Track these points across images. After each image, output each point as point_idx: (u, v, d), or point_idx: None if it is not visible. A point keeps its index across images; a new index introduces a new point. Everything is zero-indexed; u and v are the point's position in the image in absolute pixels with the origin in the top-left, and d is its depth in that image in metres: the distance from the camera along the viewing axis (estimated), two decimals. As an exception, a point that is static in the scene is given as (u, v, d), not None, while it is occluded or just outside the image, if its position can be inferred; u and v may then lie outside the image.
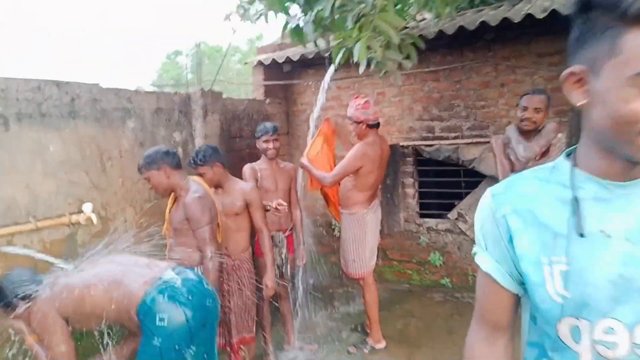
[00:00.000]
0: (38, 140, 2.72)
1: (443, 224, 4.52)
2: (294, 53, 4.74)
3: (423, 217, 4.66)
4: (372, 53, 2.57)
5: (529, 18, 3.48)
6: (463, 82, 4.29)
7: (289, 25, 3.08)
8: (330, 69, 3.82)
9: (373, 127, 3.29)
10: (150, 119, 3.53)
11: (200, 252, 2.48)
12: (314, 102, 5.07)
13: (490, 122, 4.24)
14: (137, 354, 2.00)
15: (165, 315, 1.90)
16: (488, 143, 4.11)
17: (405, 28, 3.93)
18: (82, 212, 2.86)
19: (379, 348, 3.47)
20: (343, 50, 2.86)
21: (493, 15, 3.68)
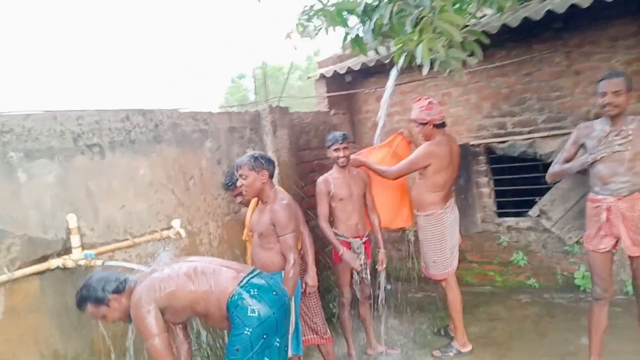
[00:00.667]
0: (129, 165, 2.99)
1: (524, 222, 4.34)
2: (355, 63, 4.82)
3: (501, 216, 4.50)
4: (435, 54, 2.57)
5: (598, 1, 3.30)
6: (534, 74, 4.13)
7: (349, 36, 3.15)
8: (393, 74, 3.85)
9: (439, 126, 3.27)
10: (225, 138, 3.75)
11: (284, 257, 2.58)
12: (378, 109, 5.12)
13: (568, 112, 4.03)
14: (228, 342, 2.17)
15: (256, 308, 2.11)
16: (567, 135, 3.92)
17: (466, 26, 3.87)
18: (171, 227, 3.10)
19: (465, 351, 3.39)
20: (404, 55, 2.88)
21: (559, 3, 3.53)
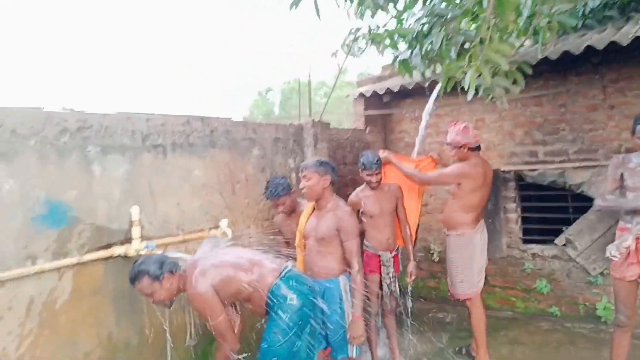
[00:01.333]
0: (186, 166, 3.21)
1: (549, 250, 4.43)
2: (394, 84, 5.02)
3: (527, 242, 4.60)
4: (480, 80, 2.75)
5: (637, 40, 3.45)
6: (568, 106, 4.27)
7: (398, 58, 3.35)
8: (433, 97, 4.04)
9: (474, 150, 3.42)
10: (270, 147, 3.96)
11: (344, 262, 2.72)
12: (412, 129, 5.31)
13: (599, 145, 4.16)
14: (266, 327, 2.42)
15: (294, 297, 2.38)
16: (597, 167, 4.04)
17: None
18: (219, 227, 3.30)
19: (487, 371, 3.47)
20: (449, 79, 3.07)
21: (599, 39, 3.69)
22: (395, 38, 3.38)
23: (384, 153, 3.69)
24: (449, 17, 2.79)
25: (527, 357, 3.72)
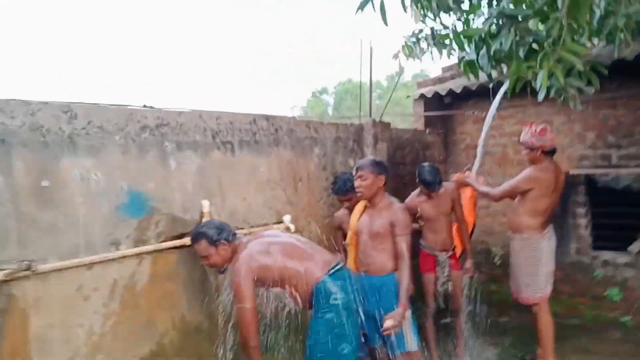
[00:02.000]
0: (252, 163, 3.36)
1: (622, 258, 4.22)
2: (456, 85, 4.95)
3: (597, 249, 4.40)
4: (552, 81, 2.68)
5: None
6: (645, 108, 4.04)
7: (464, 59, 3.31)
8: (497, 98, 3.95)
9: (548, 153, 3.32)
10: (331, 147, 4.04)
11: (399, 257, 2.76)
12: (474, 131, 5.21)
13: (680, 149, 3.90)
14: (311, 323, 2.46)
15: (338, 296, 2.38)
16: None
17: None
18: (282, 222, 3.42)
19: (554, 379, 3.37)
20: (518, 80, 3.00)
21: (682, 38, 3.47)
22: (462, 39, 3.34)
23: (459, 176, 3.70)
24: (520, 17, 2.73)
25: (596, 366, 3.57)
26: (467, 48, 3.46)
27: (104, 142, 2.56)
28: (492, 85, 4.25)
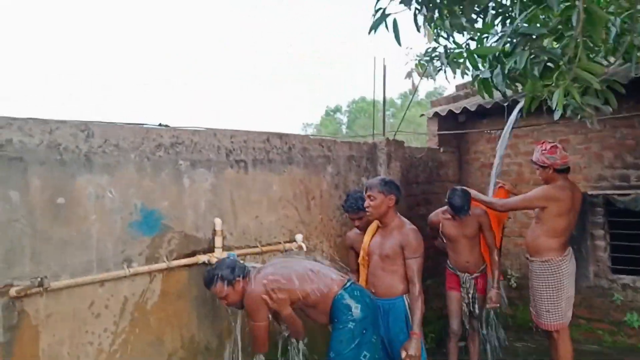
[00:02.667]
0: (265, 181, 3.36)
1: (643, 282, 4.08)
2: (471, 104, 4.93)
3: (616, 272, 4.27)
4: (568, 100, 2.65)
5: None
6: (664, 127, 3.97)
7: (479, 78, 3.30)
8: (512, 117, 3.92)
9: (562, 172, 3.26)
10: (344, 165, 4.03)
11: (409, 281, 2.72)
12: (488, 150, 5.16)
13: (702, 170, 3.81)
14: (332, 336, 2.54)
15: (358, 307, 2.49)
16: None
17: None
18: (294, 241, 3.40)
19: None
20: (533, 99, 2.97)
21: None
22: (476, 58, 3.34)
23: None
24: (534, 36, 2.72)
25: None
26: (481, 67, 3.45)
27: (120, 160, 2.59)
28: (507, 104, 4.23)
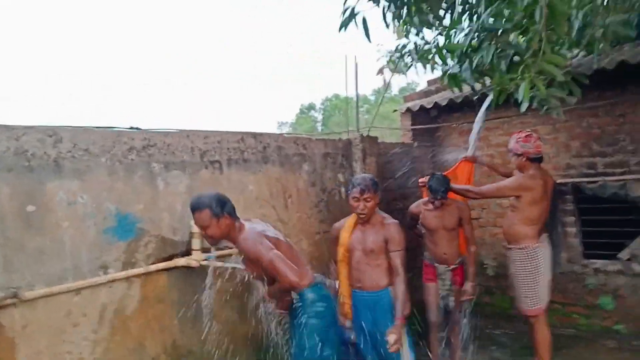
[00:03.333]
0: (240, 181, 3.35)
1: (613, 265, 4.24)
2: (442, 98, 5.01)
3: (588, 257, 4.42)
4: (534, 92, 2.73)
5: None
6: (628, 115, 4.12)
7: (448, 73, 3.37)
8: (482, 111, 4.01)
9: (534, 160, 3.36)
10: (320, 162, 4.05)
11: (394, 273, 2.75)
12: (461, 143, 5.25)
13: (663, 155, 3.97)
14: (295, 330, 2.52)
15: (322, 304, 2.48)
16: (662, 178, 3.85)
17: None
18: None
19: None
20: (501, 92, 3.05)
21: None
22: (444, 53, 3.41)
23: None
24: (500, 31, 2.79)
25: (592, 377, 3.55)
26: (449, 62, 3.52)
27: (90, 164, 2.54)
28: (476, 98, 4.32)
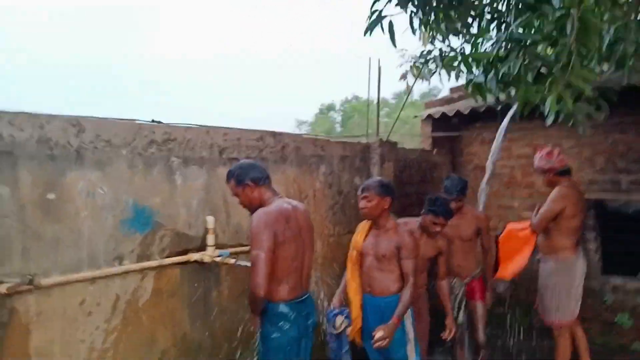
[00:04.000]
0: (258, 180, 3.35)
1: (632, 284, 4.14)
2: (464, 107, 4.95)
3: (607, 274, 4.33)
4: (561, 106, 2.67)
5: None
6: (656, 133, 4.01)
7: (472, 82, 3.31)
8: (506, 121, 3.95)
9: (563, 174, 3.32)
10: (337, 165, 4.04)
11: (405, 280, 2.74)
12: (481, 152, 5.19)
13: (691, 176, 3.86)
14: (260, 338, 2.45)
15: (286, 325, 2.38)
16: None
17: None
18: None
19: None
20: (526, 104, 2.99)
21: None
22: (470, 61, 3.35)
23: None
24: (528, 42, 2.74)
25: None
26: (475, 71, 3.47)
27: (111, 156, 2.57)
28: (499, 108, 4.25)
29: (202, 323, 2.93)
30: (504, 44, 2.87)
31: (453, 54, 3.44)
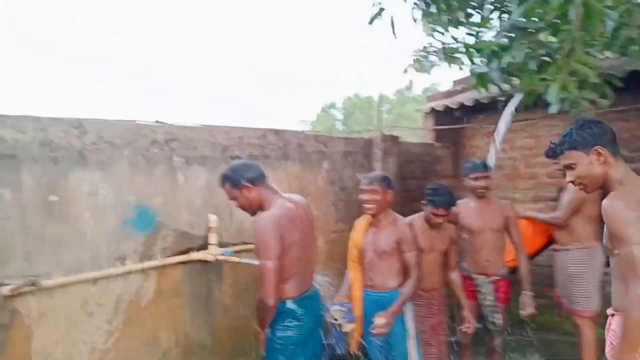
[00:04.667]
0: (260, 177, 3.32)
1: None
2: (467, 99, 4.91)
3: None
4: (565, 94, 2.63)
5: None
6: (660, 121, 3.97)
7: (476, 72, 3.28)
8: (508, 112, 3.91)
9: None
10: (340, 161, 4.01)
11: (409, 273, 2.72)
12: (484, 145, 5.14)
13: (697, 164, 3.82)
14: (269, 338, 2.33)
15: (296, 322, 2.31)
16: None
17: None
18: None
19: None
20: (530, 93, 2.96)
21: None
22: (472, 52, 3.32)
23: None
24: (532, 30, 2.71)
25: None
26: (478, 61, 3.44)
27: (113, 157, 2.55)
28: (503, 99, 4.22)
29: (204, 322, 2.91)
30: (507, 33, 2.84)
31: (455, 45, 3.41)
